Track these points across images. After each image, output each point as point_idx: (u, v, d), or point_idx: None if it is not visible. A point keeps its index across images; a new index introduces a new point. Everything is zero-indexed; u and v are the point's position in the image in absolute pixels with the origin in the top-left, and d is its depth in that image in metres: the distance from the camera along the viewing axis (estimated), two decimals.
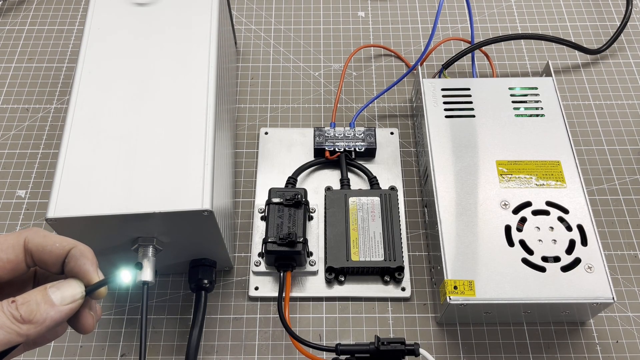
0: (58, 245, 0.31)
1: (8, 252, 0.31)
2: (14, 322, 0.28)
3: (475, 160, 0.54)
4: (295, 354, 0.50)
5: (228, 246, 0.51)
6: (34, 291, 0.30)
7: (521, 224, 0.50)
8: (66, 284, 0.31)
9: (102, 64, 0.50)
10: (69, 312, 0.30)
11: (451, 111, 0.57)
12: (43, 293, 0.30)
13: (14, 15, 0.74)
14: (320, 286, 0.53)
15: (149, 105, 0.47)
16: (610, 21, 0.73)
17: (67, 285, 0.31)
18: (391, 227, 0.54)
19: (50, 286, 0.30)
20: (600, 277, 0.47)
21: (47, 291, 0.30)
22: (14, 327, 0.28)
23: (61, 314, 0.30)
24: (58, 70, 0.69)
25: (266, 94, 0.67)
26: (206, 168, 0.44)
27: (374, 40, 0.72)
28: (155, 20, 0.53)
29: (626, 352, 0.50)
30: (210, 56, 0.51)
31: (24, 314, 0.28)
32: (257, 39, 0.72)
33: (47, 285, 0.30)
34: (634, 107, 0.65)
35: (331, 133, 0.60)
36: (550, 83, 0.59)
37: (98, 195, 0.42)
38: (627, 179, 0.60)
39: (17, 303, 0.28)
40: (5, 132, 0.64)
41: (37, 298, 0.29)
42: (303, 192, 0.54)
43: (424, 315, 0.52)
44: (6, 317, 0.28)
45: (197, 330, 0.49)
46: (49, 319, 0.29)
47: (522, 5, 0.75)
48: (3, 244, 0.31)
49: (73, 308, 0.30)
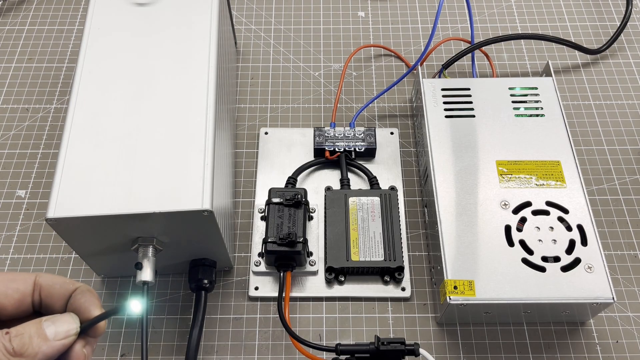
0: (68, 281, 0.32)
1: (18, 282, 0.31)
2: (5, 354, 0.28)
3: (475, 160, 0.54)
4: (295, 354, 0.50)
5: (228, 246, 0.51)
6: (28, 323, 0.29)
7: (521, 224, 0.50)
8: (61, 319, 0.30)
9: (102, 64, 0.50)
10: (61, 347, 0.30)
11: (451, 111, 0.57)
12: (37, 326, 0.29)
13: (14, 15, 0.74)
14: (320, 286, 0.53)
15: (149, 105, 0.47)
16: (610, 21, 0.73)
17: (61, 320, 0.30)
18: (391, 227, 0.54)
19: (45, 320, 0.30)
20: (600, 277, 0.47)
21: (42, 325, 0.29)
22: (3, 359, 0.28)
23: (53, 349, 0.29)
24: (58, 70, 0.69)
25: (266, 94, 0.67)
26: (206, 168, 0.44)
27: (374, 40, 0.72)
28: (155, 20, 0.53)
29: (626, 352, 0.50)
30: (210, 56, 0.51)
31: (16, 346, 0.28)
32: (257, 39, 0.72)
33: (43, 318, 0.30)
34: (634, 107, 0.65)
35: (331, 133, 0.60)
36: (550, 83, 0.59)
37: (98, 195, 0.42)
38: (627, 179, 0.60)
39: (10, 335, 0.28)
40: (5, 132, 0.64)
41: (30, 331, 0.29)
42: (303, 192, 0.54)
43: (424, 315, 0.52)
44: None
45: (197, 330, 0.48)
46: (41, 354, 0.29)
47: (522, 5, 0.75)
48: (16, 276, 0.32)
49: (66, 344, 0.30)
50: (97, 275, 0.54)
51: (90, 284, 0.54)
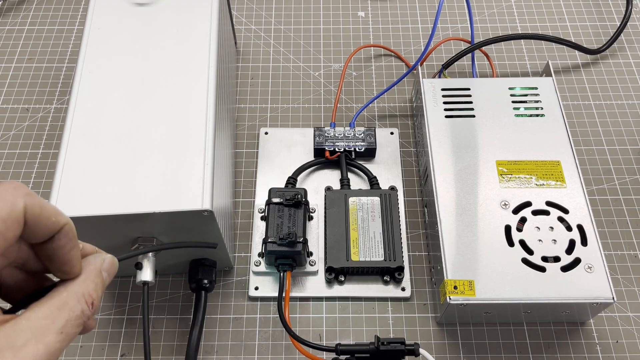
0: (54, 220, 0.27)
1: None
2: (83, 319, 0.27)
3: (475, 160, 0.54)
4: (295, 354, 0.50)
5: (228, 246, 0.51)
6: (97, 278, 0.29)
7: (521, 224, 0.50)
8: (108, 262, 0.30)
9: (102, 64, 0.50)
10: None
11: (451, 111, 0.57)
12: (101, 279, 0.29)
13: (14, 15, 0.74)
14: (320, 286, 0.53)
15: (149, 105, 0.47)
16: (610, 21, 0.73)
17: (110, 263, 0.30)
18: (391, 227, 0.54)
19: (103, 270, 0.30)
20: (600, 277, 0.47)
21: (102, 276, 0.29)
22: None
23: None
24: (58, 70, 0.69)
25: (266, 94, 0.67)
26: (206, 168, 0.44)
27: (374, 40, 0.72)
28: (155, 20, 0.53)
29: (626, 352, 0.50)
30: (210, 56, 0.51)
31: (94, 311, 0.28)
32: (257, 39, 0.72)
33: (99, 267, 0.29)
34: (634, 107, 0.65)
35: (331, 133, 0.60)
36: (550, 83, 0.59)
37: (98, 195, 0.42)
38: (627, 179, 0.60)
39: (95, 306, 0.28)
40: (5, 132, 0.64)
41: (99, 292, 0.29)
42: (303, 192, 0.54)
43: (424, 315, 0.52)
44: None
45: (197, 330, 0.48)
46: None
47: (522, 5, 0.75)
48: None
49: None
50: None
51: None
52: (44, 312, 0.26)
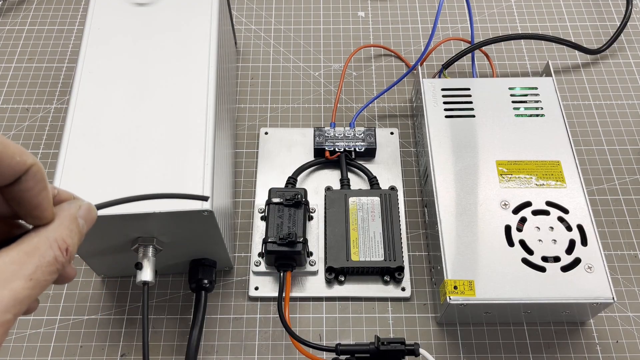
0: (19, 159, 0.25)
1: None
2: (57, 267, 0.26)
3: (475, 160, 0.54)
4: (295, 354, 0.50)
5: (228, 246, 0.51)
6: (71, 226, 0.27)
7: (521, 224, 0.50)
8: (85, 209, 0.28)
9: (102, 64, 0.50)
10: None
11: (451, 111, 0.57)
12: (77, 226, 0.27)
13: (14, 15, 0.74)
14: (320, 286, 0.53)
15: (149, 105, 0.47)
16: (610, 21, 0.73)
17: (87, 210, 0.28)
18: (391, 227, 0.54)
19: (79, 217, 0.28)
20: (600, 277, 0.47)
21: (79, 223, 0.27)
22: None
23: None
24: (58, 70, 0.69)
25: (266, 94, 0.67)
26: (206, 168, 0.44)
27: (374, 40, 0.72)
28: (155, 20, 0.53)
29: (626, 352, 0.50)
30: (210, 56, 0.51)
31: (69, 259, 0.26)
32: (257, 39, 0.72)
33: (75, 214, 0.27)
34: (634, 107, 0.65)
35: (331, 133, 0.60)
36: (550, 83, 0.59)
37: (98, 195, 0.42)
38: (627, 179, 0.60)
39: (70, 253, 0.26)
40: (5, 132, 0.64)
41: (75, 239, 0.27)
42: (303, 192, 0.54)
43: (424, 315, 0.52)
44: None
45: (197, 330, 0.49)
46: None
47: (522, 5, 0.75)
48: None
49: None
50: (97, 275, 0.54)
51: (90, 284, 0.54)
52: (12, 256, 0.24)
